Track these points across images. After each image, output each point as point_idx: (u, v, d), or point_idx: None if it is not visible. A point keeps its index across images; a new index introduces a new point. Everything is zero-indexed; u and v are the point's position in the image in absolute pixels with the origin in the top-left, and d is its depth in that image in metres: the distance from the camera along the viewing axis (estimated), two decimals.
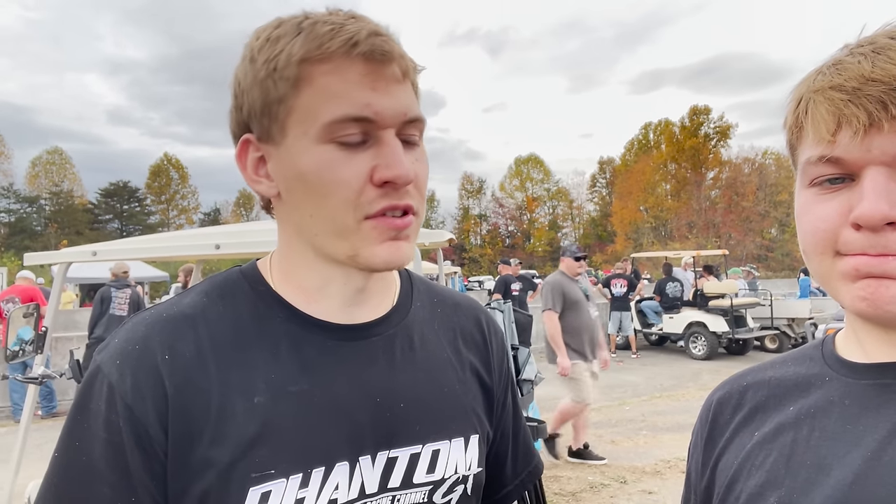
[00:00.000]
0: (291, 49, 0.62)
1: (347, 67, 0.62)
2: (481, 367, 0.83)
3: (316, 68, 0.62)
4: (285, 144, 0.65)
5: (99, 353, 0.66)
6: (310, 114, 0.63)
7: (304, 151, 0.64)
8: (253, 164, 0.69)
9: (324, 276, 0.71)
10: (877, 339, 0.61)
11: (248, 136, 0.68)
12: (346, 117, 0.62)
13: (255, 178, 0.69)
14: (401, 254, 0.66)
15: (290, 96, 0.63)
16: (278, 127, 0.65)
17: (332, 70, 0.62)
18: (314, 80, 0.63)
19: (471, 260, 57.50)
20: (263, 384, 0.66)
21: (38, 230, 50.85)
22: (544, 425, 2.71)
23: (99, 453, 0.61)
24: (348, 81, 0.62)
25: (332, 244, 0.66)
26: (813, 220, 0.59)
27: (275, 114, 0.64)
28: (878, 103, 0.53)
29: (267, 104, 0.64)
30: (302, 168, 0.64)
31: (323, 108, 0.62)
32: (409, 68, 0.66)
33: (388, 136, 0.64)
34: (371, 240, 0.65)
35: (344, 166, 0.63)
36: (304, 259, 0.70)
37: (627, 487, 4.83)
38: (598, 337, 5.35)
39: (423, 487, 0.72)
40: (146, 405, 0.62)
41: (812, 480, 0.59)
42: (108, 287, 7.28)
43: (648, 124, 58.55)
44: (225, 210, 60.56)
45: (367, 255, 0.66)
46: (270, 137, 0.66)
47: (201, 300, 0.70)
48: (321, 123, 0.62)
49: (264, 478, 0.63)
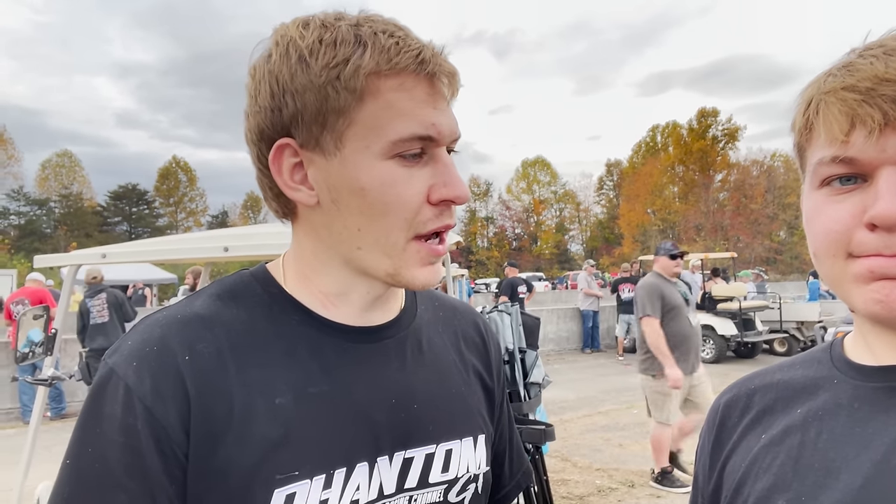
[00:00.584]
0: (360, 60, 0.61)
1: (414, 85, 0.63)
2: (483, 370, 0.85)
3: (384, 83, 0.62)
4: (341, 156, 0.64)
5: (110, 357, 0.64)
6: (374, 128, 0.62)
7: (366, 167, 0.63)
8: (289, 169, 0.66)
9: (346, 284, 0.71)
10: (886, 342, 0.60)
11: (287, 141, 0.65)
12: (414, 136, 0.63)
13: (293, 185, 0.67)
14: (437, 277, 0.70)
15: (353, 108, 0.62)
16: (334, 137, 0.63)
17: (399, 86, 0.63)
18: (380, 95, 0.62)
19: (478, 262, 57.45)
20: (284, 385, 0.65)
21: (47, 232, 51.19)
22: (552, 428, 2.70)
23: (115, 458, 0.60)
24: (415, 99, 0.63)
25: (374, 259, 0.67)
26: (825, 222, 0.58)
27: (331, 123, 0.63)
28: (892, 103, 0.53)
29: (322, 112, 0.62)
30: (362, 183, 0.63)
31: (390, 124, 0.62)
32: (459, 87, 0.68)
33: (443, 153, 0.66)
34: (414, 262, 0.67)
35: (405, 185, 0.64)
36: (329, 266, 0.70)
37: (635, 491, 4.82)
38: (699, 345, 4.82)
39: (439, 487, 0.72)
40: (167, 407, 0.60)
41: (820, 484, 0.58)
42: (84, 299, 7.32)
43: (656, 126, 58.37)
44: (233, 213, 60.80)
45: (408, 276, 0.67)
46: (319, 146, 0.64)
47: (214, 302, 0.69)
48: (388, 140, 0.63)
49: (289, 479, 0.62)
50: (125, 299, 7.56)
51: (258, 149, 0.68)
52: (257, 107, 0.66)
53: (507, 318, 2.91)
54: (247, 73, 0.68)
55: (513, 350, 2.88)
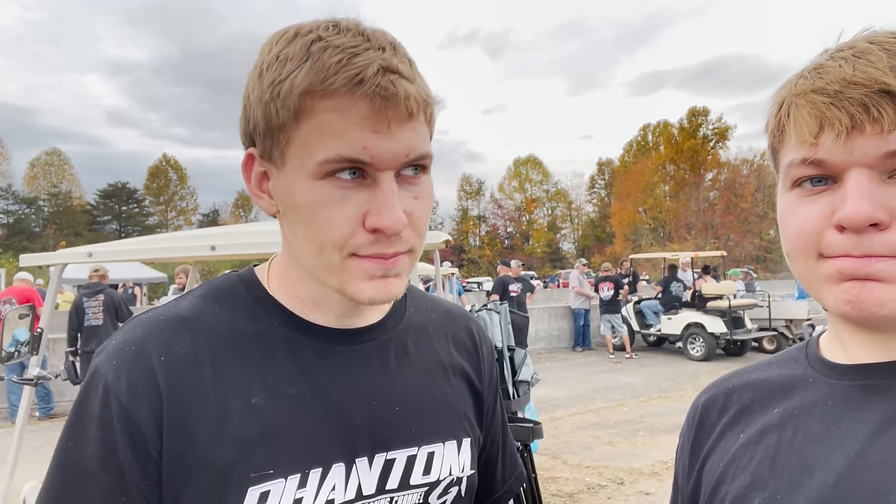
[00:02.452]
0: (295, 78, 0.60)
1: (349, 107, 0.60)
2: (472, 374, 0.84)
3: (318, 103, 0.60)
4: (284, 172, 0.64)
5: (97, 356, 0.66)
6: (307, 148, 0.61)
7: (300, 185, 0.62)
8: (256, 178, 0.68)
9: (320, 292, 0.71)
10: (859, 341, 0.61)
11: (252, 150, 0.67)
12: (342, 158, 0.60)
13: (258, 193, 0.69)
14: (388, 291, 0.65)
15: (291, 126, 0.61)
16: (279, 153, 0.64)
17: (333, 107, 0.60)
18: (315, 115, 0.60)
19: (469, 261, 57.47)
20: (261, 386, 0.66)
21: (36, 231, 50.81)
22: (540, 426, 2.71)
23: (92, 453, 0.62)
24: (348, 122, 0.60)
25: (320, 274, 0.67)
26: (797, 223, 0.59)
27: (276, 139, 0.63)
28: (859, 106, 0.53)
29: (269, 128, 0.63)
30: (297, 200, 0.63)
31: (319, 144, 0.60)
32: (419, 106, 0.62)
33: (385, 178, 0.62)
34: (357, 277, 0.64)
35: (336, 207, 0.62)
36: (302, 274, 0.71)
37: (624, 489, 4.84)
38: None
39: (420, 489, 0.73)
40: (140, 405, 0.62)
41: (796, 482, 0.59)
42: (80, 295, 7.14)
43: (647, 126, 58.57)
44: (224, 211, 60.48)
45: (353, 291, 0.65)
46: (272, 160, 0.65)
47: (199, 303, 0.71)
48: (315, 161, 0.61)
49: (263, 478, 0.63)
50: (122, 301, 7.40)
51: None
52: (240, 115, 0.68)
53: (496, 316, 2.91)
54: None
55: (501, 348, 2.89)
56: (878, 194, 0.54)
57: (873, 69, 0.53)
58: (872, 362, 0.60)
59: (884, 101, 0.53)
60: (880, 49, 0.55)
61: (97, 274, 7.28)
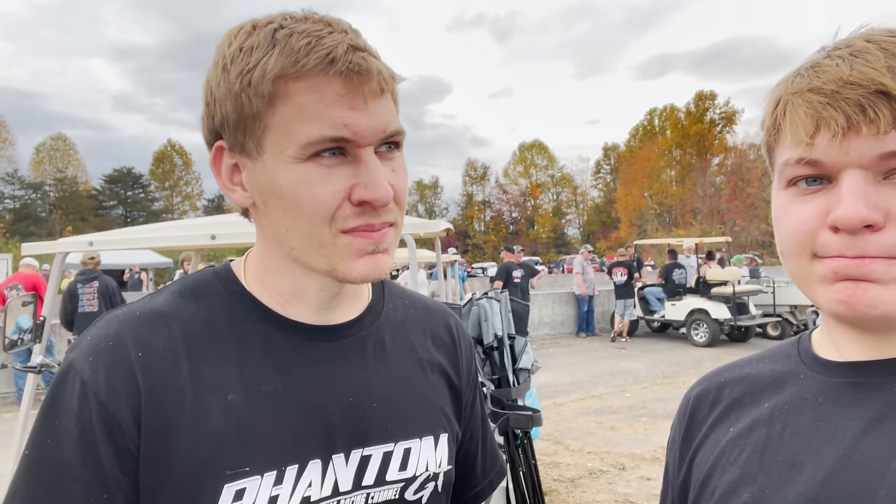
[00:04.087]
0: (266, 64, 0.60)
1: (324, 86, 0.61)
2: (450, 370, 0.84)
3: (292, 86, 0.61)
4: (262, 160, 0.64)
5: (71, 351, 0.66)
6: (287, 133, 0.62)
7: (282, 170, 0.63)
8: (227, 171, 0.68)
9: (300, 283, 0.71)
10: (850, 339, 0.61)
11: (221, 143, 0.67)
12: (324, 138, 0.61)
13: (230, 187, 0.69)
14: (379, 267, 0.67)
15: (266, 114, 0.62)
16: (254, 143, 0.64)
17: (308, 88, 0.61)
18: (290, 99, 0.61)
19: (474, 246, 57.50)
20: (237, 383, 0.66)
21: (42, 216, 51.03)
22: (539, 414, 2.72)
23: (71, 450, 0.61)
24: (325, 101, 0.61)
25: (308, 258, 0.67)
26: (791, 222, 0.59)
27: (250, 129, 0.63)
28: (856, 106, 0.53)
29: (241, 119, 0.63)
30: (280, 185, 0.63)
31: (300, 128, 0.61)
32: (388, 82, 0.64)
33: (367, 154, 0.64)
34: (348, 255, 0.65)
35: (321, 185, 0.63)
36: (281, 266, 0.71)
37: (626, 474, 4.87)
38: None
39: (396, 485, 0.73)
40: (119, 401, 0.62)
41: (784, 477, 0.59)
42: (75, 281, 7.06)
43: (654, 110, 58.16)
44: None
45: (344, 270, 0.66)
46: (245, 151, 0.65)
47: (174, 299, 0.70)
48: (298, 144, 0.61)
49: (239, 475, 0.63)
50: (116, 289, 7.35)
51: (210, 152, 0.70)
52: (202, 113, 0.69)
53: (496, 304, 2.91)
54: None
55: (502, 336, 2.89)
56: (873, 195, 0.53)
57: (870, 69, 0.53)
58: (863, 360, 0.60)
59: (880, 102, 0.52)
60: (878, 48, 0.54)
61: (92, 261, 7.24)
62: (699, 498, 0.68)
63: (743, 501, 0.61)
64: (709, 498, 0.66)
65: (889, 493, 0.52)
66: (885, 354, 0.58)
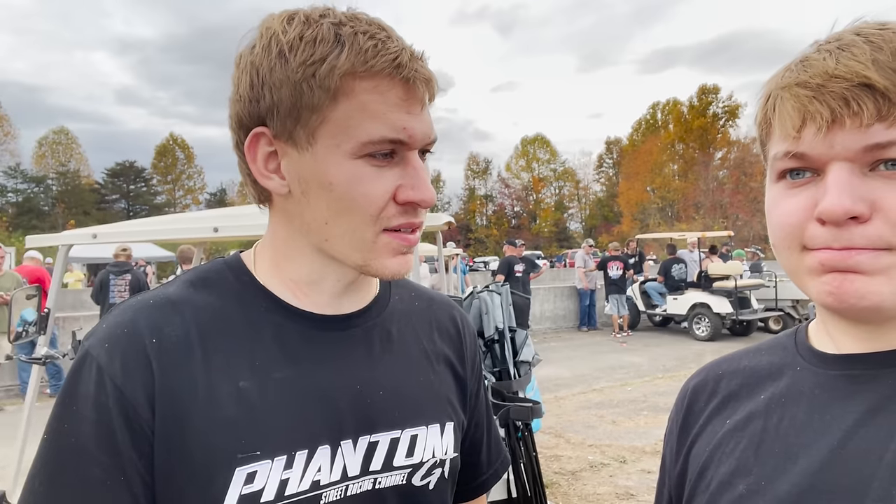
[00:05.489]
0: (336, 60, 0.62)
1: (388, 89, 0.64)
2: (455, 360, 0.86)
3: (358, 84, 0.63)
4: (312, 151, 0.66)
5: (87, 339, 0.67)
6: (346, 128, 0.64)
7: (335, 164, 0.65)
8: (264, 158, 0.69)
9: (318, 272, 0.73)
10: (845, 332, 0.62)
11: (263, 130, 0.67)
12: (384, 139, 0.64)
13: (266, 174, 0.69)
14: (408, 266, 0.71)
15: (327, 107, 0.64)
16: (307, 133, 0.65)
17: (373, 88, 0.64)
18: (354, 96, 0.64)
19: (476, 241, 57.43)
20: (248, 370, 0.68)
21: (45, 210, 51.05)
22: (539, 406, 2.74)
23: (88, 434, 0.63)
24: (387, 103, 0.64)
25: (343, 251, 0.69)
26: (780, 215, 0.60)
27: (305, 119, 0.65)
28: (840, 100, 0.53)
29: (297, 107, 0.64)
30: (331, 179, 0.65)
31: (361, 125, 0.64)
32: (436, 91, 0.69)
33: (414, 157, 0.68)
34: (384, 253, 0.69)
35: (372, 183, 0.66)
36: (302, 254, 0.72)
37: (627, 467, 4.88)
38: None
39: (403, 470, 0.74)
40: (135, 385, 0.63)
41: (780, 468, 0.60)
42: (107, 272, 7.09)
43: (657, 104, 57.94)
44: (231, 190, 60.46)
45: (377, 266, 0.69)
46: (293, 139, 0.66)
47: (186, 289, 0.72)
48: (358, 141, 0.64)
49: (250, 458, 0.65)
50: (146, 284, 7.37)
51: (237, 136, 0.70)
52: (237, 96, 0.68)
53: (497, 297, 2.92)
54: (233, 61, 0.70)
55: (503, 329, 2.90)
56: (859, 187, 0.54)
57: (855, 62, 0.53)
58: (859, 353, 0.60)
59: (864, 94, 0.53)
60: (865, 41, 0.54)
61: (124, 253, 7.23)
62: (695, 489, 0.68)
63: (738, 493, 0.62)
64: (705, 489, 0.66)
65: (882, 483, 0.52)
66: (880, 347, 0.59)
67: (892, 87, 0.52)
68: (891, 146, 0.53)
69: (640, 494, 4.34)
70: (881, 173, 0.54)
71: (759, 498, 0.60)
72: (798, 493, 0.57)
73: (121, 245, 7.25)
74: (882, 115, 0.52)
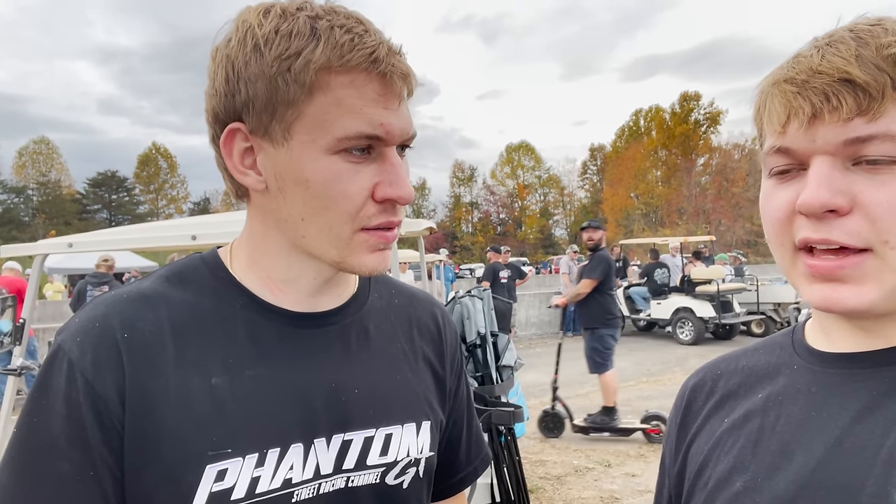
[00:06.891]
0: (311, 55, 0.61)
1: (365, 83, 0.63)
2: (434, 358, 0.85)
3: (334, 78, 0.63)
4: (288, 147, 0.65)
5: (59, 334, 0.67)
6: (321, 123, 0.63)
7: (311, 159, 0.64)
8: (240, 154, 0.68)
9: (296, 269, 0.72)
10: (841, 330, 0.63)
11: (238, 125, 0.66)
12: (361, 134, 0.63)
13: (242, 170, 0.68)
14: (385, 262, 0.71)
15: (302, 102, 0.63)
16: (282, 128, 0.64)
17: (349, 83, 0.63)
18: (330, 91, 0.63)
19: (462, 248, 57.50)
20: (221, 366, 0.67)
21: (25, 221, 50.41)
22: (521, 410, 2.74)
23: (58, 429, 0.62)
24: (364, 98, 0.63)
25: (320, 248, 0.68)
26: (770, 210, 0.61)
27: (280, 114, 0.64)
28: (821, 95, 0.55)
29: (272, 102, 0.63)
30: (307, 175, 0.64)
31: (337, 121, 0.63)
32: (414, 86, 0.68)
33: (392, 153, 0.67)
34: (361, 250, 0.68)
35: (350, 180, 0.65)
36: (279, 251, 0.72)
37: (611, 471, 4.90)
38: None
39: (377, 469, 0.74)
40: (105, 380, 0.63)
41: (776, 465, 0.61)
42: (86, 282, 7.03)
43: (639, 111, 58.51)
44: (215, 199, 60.07)
45: (354, 263, 0.69)
46: (268, 134, 0.65)
47: (161, 284, 0.71)
48: (334, 137, 0.63)
49: (221, 456, 0.64)
50: None
51: (213, 130, 0.69)
52: (213, 90, 0.67)
53: (479, 302, 2.93)
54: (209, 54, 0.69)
55: (485, 334, 2.91)
56: (839, 181, 0.55)
57: (838, 58, 0.54)
58: (856, 351, 0.61)
59: (844, 89, 0.54)
60: (853, 37, 0.55)
61: (105, 264, 7.15)
62: (694, 487, 0.69)
63: (735, 490, 0.62)
64: (703, 487, 0.67)
65: (877, 480, 0.53)
66: (876, 345, 0.60)
67: (874, 82, 0.53)
68: (871, 140, 0.53)
69: (625, 498, 4.35)
70: (863, 168, 0.55)
71: (757, 495, 0.60)
72: (795, 489, 0.57)
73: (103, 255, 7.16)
74: (862, 110, 0.53)
